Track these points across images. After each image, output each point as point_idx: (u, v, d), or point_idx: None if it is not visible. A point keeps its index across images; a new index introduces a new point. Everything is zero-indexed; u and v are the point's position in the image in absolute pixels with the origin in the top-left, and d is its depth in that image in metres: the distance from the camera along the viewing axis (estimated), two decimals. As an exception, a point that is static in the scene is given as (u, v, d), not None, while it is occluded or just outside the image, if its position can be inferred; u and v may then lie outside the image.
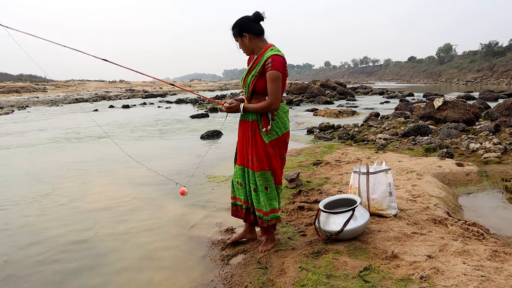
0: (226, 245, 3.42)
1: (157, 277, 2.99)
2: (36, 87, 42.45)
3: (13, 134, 11.91)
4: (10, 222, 4.26)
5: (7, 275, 3.09)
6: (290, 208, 4.18)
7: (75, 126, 13.51)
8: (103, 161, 7.32)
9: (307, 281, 2.61)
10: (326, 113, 14.72)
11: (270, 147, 3.06)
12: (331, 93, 25.57)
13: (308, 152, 7.32)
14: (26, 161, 7.62)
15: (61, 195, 5.17)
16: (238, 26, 3.05)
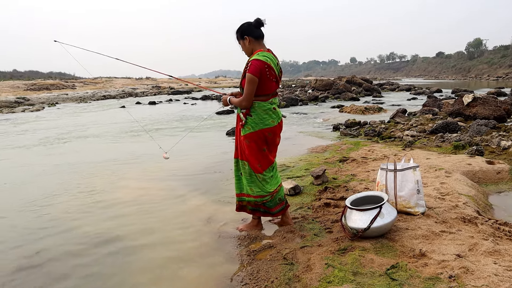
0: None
1: (184, 272, 3.04)
2: (65, 85, 43.41)
3: (50, 129, 12.24)
4: (41, 214, 4.39)
5: (40, 266, 3.19)
6: (316, 205, 4.18)
7: (105, 122, 13.78)
8: (133, 156, 7.44)
9: (333, 277, 2.61)
10: (352, 109, 14.58)
11: (245, 139, 3.43)
12: (357, 89, 25.30)
13: (334, 149, 7.28)
14: (58, 156, 7.84)
15: (91, 189, 5.29)
16: (240, 30, 3.44)
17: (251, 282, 2.76)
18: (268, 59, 3.32)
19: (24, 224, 4.11)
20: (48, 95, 31.76)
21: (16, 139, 10.53)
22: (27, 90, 36.41)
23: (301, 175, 5.42)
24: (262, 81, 3.29)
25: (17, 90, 34.93)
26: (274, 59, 3.41)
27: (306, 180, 5.15)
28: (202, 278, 2.93)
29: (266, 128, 3.40)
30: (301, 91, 26.56)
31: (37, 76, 58.77)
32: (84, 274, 3.05)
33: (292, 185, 4.67)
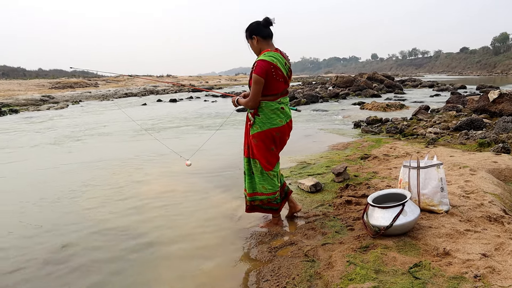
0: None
1: (206, 267, 3.06)
2: (88, 83, 44.16)
3: (74, 127, 12.48)
4: (67, 209, 4.48)
5: (67, 260, 3.26)
6: (338, 202, 4.15)
7: (128, 119, 13.96)
8: (157, 153, 7.52)
9: (355, 275, 2.59)
10: (373, 106, 14.42)
11: (253, 138, 3.46)
12: (378, 86, 25.01)
13: (355, 146, 7.22)
14: (83, 153, 7.99)
15: (115, 185, 5.38)
16: (249, 30, 3.44)
17: (272, 279, 2.76)
18: (274, 59, 3.31)
19: (50, 220, 4.20)
20: (72, 93, 32.33)
21: (42, 136, 10.77)
22: (51, 88, 37.18)
23: (322, 172, 5.40)
24: (269, 81, 3.30)
25: (42, 89, 35.69)
26: (281, 59, 3.39)
27: (327, 177, 5.13)
28: (224, 274, 2.95)
29: (274, 128, 3.42)
30: (322, 88, 26.39)
31: (61, 74, 59.96)
32: (108, 269, 3.11)
33: (313, 182, 4.65)
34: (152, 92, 36.42)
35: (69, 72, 67.59)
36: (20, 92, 31.24)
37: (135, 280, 2.94)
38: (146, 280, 2.92)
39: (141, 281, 2.91)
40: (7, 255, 3.40)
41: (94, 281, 2.94)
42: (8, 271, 3.12)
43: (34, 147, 8.95)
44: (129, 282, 2.91)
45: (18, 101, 24.72)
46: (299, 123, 11.45)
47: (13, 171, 6.57)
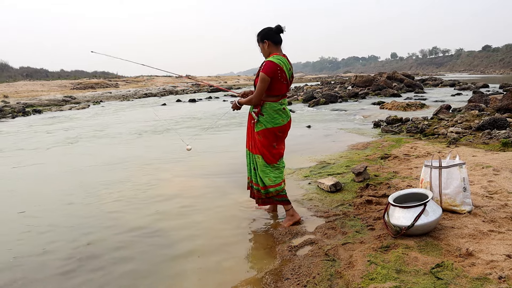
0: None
1: (226, 266, 3.08)
2: (109, 83, 44.81)
3: (95, 126, 12.69)
4: (89, 207, 4.57)
5: (89, 257, 3.33)
6: (358, 202, 4.13)
7: (149, 119, 14.13)
8: (177, 152, 7.60)
9: (376, 275, 2.58)
10: (393, 106, 14.26)
11: (257, 135, 3.71)
12: (398, 85, 24.72)
13: (375, 146, 7.17)
14: (106, 152, 8.12)
15: (136, 183, 5.46)
16: (261, 34, 3.70)
17: (293, 277, 2.77)
18: (281, 63, 3.55)
19: (75, 218, 4.29)
20: (93, 94, 32.87)
21: (65, 134, 10.97)
22: (73, 89, 37.84)
23: (342, 172, 5.38)
24: (274, 82, 3.54)
25: (64, 89, 36.36)
26: (287, 64, 3.63)
27: (347, 177, 5.11)
28: (244, 271, 2.97)
29: (276, 127, 3.68)
30: (341, 88, 26.23)
31: (83, 75, 60.92)
32: (130, 266, 3.16)
33: (333, 182, 4.64)
34: (171, 92, 36.73)
35: (90, 73, 68.66)
36: (43, 92, 31.90)
37: (156, 277, 2.97)
38: (167, 277, 2.95)
39: (163, 277, 2.95)
40: (34, 250, 3.49)
41: (115, 276, 3.00)
42: (34, 266, 3.20)
43: (56, 147, 9.13)
44: (151, 280, 2.95)
45: (41, 102, 25.25)
46: (318, 122, 11.42)
47: (40, 172, 6.71)
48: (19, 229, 4.01)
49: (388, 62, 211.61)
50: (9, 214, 4.49)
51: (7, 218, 4.38)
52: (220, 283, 2.84)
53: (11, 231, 3.99)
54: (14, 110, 20.24)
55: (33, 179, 6.10)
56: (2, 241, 3.75)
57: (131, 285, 2.88)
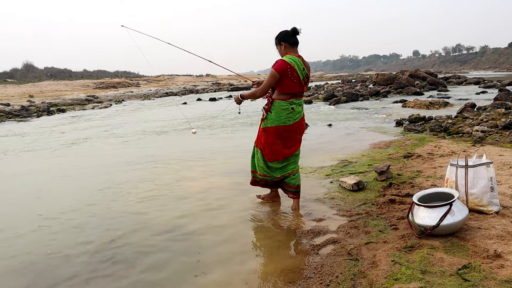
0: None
1: (248, 264, 3.07)
2: (130, 82, 45.37)
3: (118, 125, 12.86)
4: (112, 204, 4.63)
5: (113, 254, 3.37)
6: (381, 201, 4.08)
7: (172, 118, 14.25)
8: (201, 151, 7.65)
9: (400, 275, 2.54)
10: (416, 104, 14.06)
11: (262, 131, 3.96)
12: (420, 83, 24.34)
13: (398, 145, 7.07)
14: (126, 151, 8.22)
15: (160, 181, 5.51)
16: (278, 37, 3.88)
17: (315, 276, 2.75)
18: (292, 61, 3.71)
19: (100, 215, 4.35)
20: (115, 93, 33.32)
21: (87, 133, 11.16)
22: (96, 88, 38.44)
23: (364, 171, 5.32)
24: (284, 79, 3.71)
25: (87, 89, 36.97)
26: (300, 64, 3.76)
27: (369, 176, 5.05)
28: (266, 270, 2.96)
29: (281, 126, 3.83)
30: (362, 86, 25.96)
31: (105, 75, 61.80)
32: (152, 264, 3.18)
33: (355, 181, 4.59)
34: (192, 91, 36.97)
35: (112, 72, 69.61)
36: (66, 92, 32.50)
37: (179, 276, 2.99)
38: (190, 276, 2.96)
39: (185, 277, 2.96)
40: (60, 246, 3.55)
41: (139, 272, 3.02)
42: (60, 261, 3.26)
43: (79, 146, 9.28)
44: (178, 278, 2.97)
45: (65, 101, 25.73)
46: (339, 121, 11.33)
47: (64, 170, 6.84)
48: (37, 229, 4.09)
49: (410, 60, 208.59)
50: (31, 215, 4.58)
51: (27, 219, 4.47)
52: (242, 281, 2.83)
53: (33, 231, 4.06)
54: (39, 110, 20.68)
55: (56, 178, 6.21)
56: (31, 239, 3.82)
57: (151, 284, 2.90)
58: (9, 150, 8.99)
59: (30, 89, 33.77)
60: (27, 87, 35.84)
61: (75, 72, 65.94)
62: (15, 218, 4.39)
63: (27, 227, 4.05)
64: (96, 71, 70.05)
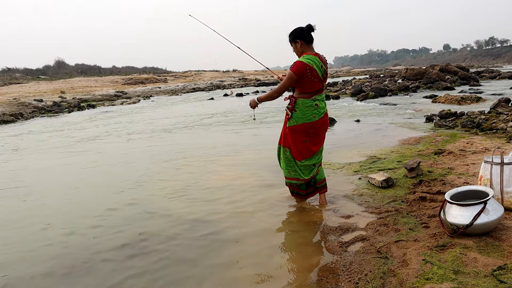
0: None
1: (276, 261, 3.06)
2: (158, 78, 45.89)
3: (147, 120, 13.06)
4: (140, 197, 4.69)
5: (143, 247, 3.41)
6: (411, 198, 3.99)
7: (199, 113, 14.37)
8: (227, 145, 7.68)
9: (432, 274, 2.48)
10: (447, 99, 13.70)
11: (288, 130, 3.95)
12: (451, 78, 23.72)
13: (428, 141, 6.90)
14: (156, 143, 8.34)
15: (186, 175, 5.56)
16: (293, 34, 3.84)
17: (344, 274, 2.71)
18: (311, 62, 3.69)
19: (128, 208, 4.42)
20: (143, 89, 33.80)
21: (116, 127, 11.37)
22: (124, 84, 39.06)
23: (393, 168, 5.22)
24: (304, 80, 3.71)
25: (116, 85, 37.60)
26: (318, 62, 3.75)
27: (399, 172, 4.95)
28: (294, 266, 2.95)
29: (307, 123, 3.84)
30: (390, 81, 25.51)
31: (133, 71, 62.74)
32: (179, 256, 3.21)
33: (384, 178, 4.51)
34: (219, 86, 37.15)
35: (140, 68, 70.58)
36: (96, 88, 33.15)
37: (206, 271, 3.00)
38: (217, 270, 2.97)
39: (212, 271, 2.97)
40: (88, 240, 3.63)
41: (166, 265, 3.05)
42: (90, 253, 3.32)
43: (110, 140, 9.46)
44: (206, 273, 2.98)
45: (95, 97, 26.25)
46: (367, 116, 11.17)
47: (95, 163, 6.98)
48: (68, 220, 4.18)
49: (440, 54, 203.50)
50: (61, 206, 4.70)
51: (59, 210, 4.58)
52: (270, 278, 2.82)
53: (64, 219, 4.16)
54: (70, 105, 21.18)
55: (89, 170, 6.34)
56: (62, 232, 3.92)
57: (181, 278, 2.92)
58: (40, 145, 9.24)
59: (62, 85, 34.61)
60: (58, 83, 36.76)
61: (104, 69, 67.20)
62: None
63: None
64: (124, 67, 71.23)
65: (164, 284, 2.82)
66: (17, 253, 3.44)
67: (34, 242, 3.65)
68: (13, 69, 52.46)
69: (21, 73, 50.81)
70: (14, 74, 48.48)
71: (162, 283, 2.83)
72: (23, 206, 4.74)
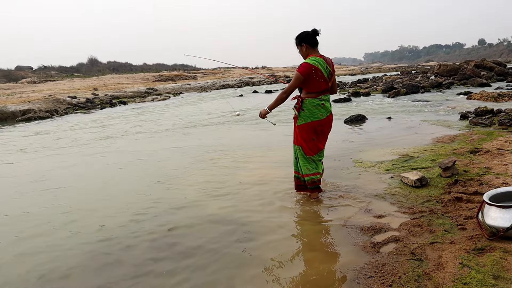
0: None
1: (307, 260, 3.03)
2: (187, 75, 46.36)
3: (179, 116, 13.20)
4: (173, 193, 4.73)
5: (171, 240, 3.43)
6: (446, 199, 3.86)
7: (229, 110, 14.42)
8: (257, 142, 7.67)
9: (470, 279, 2.38)
10: (482, 96, 13.25)
11: (298, 129, 4.15)
12: (487, 74, 22.96)
13: (463, 139, 6.68)
14: (186, 140, 8.41)
15: (213, 171, 5.57)
16: (299, 38, 4.04)
17: (376, 276, 2.65)
18: (316, 63, 3.91)
19: (159, 204, 4.47)
20: (173, 86, 34.19)
21: (147, 124, 11.53)
22: (155, 81, 39.63)
23: (427, 166, 5.07)
24: (310, 80, 3.92)
25: (147, 82, 38.19)
26: (323, 63, 3.96)
27: (433, 171, 4.80)
28: (325, 266, 2.89)
29: (316, 121, 4.03)
30: (423, 77, 24.92)
31: (163, 68, 63.54)
32: (207, 251, 3.21)
33: (418, 177, 4.38)
34: (248, 83, 37.20)
35: (170, 65, 71.43)
36: (127, 85, 33.76)
37: (237, 266, 2.99)
38: (246, 267, 2.95)
39: (241, 267, 2.96)
40: (120, 234, 3.67)
41: (195, 259, 3.05)
42: (121, 248, 3.37)
43: (144, 135, 9.60)
44: (235, 269, 2.97)
45: (126, 94, 26.74)
46: (399, 114, 10.92)
47: (128, 156, 7.09)
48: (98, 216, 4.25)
49: (475, 50, 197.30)
50: (91, 202, 4.78)
51: (90, 206, 4.67)
52: (301, 275, 2.78)
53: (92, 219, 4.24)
54: (102, 102, 21.65)
55: (121, 165, 6.45)
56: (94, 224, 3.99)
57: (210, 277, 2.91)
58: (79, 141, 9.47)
59: (94, 82, 35.41)
60: (91, 80, 37.63)
61: (135, 66, 68.34)
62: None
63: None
64: (155, 64, 72.19)
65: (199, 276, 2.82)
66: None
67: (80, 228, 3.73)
68: (49, 67, 54.02)
69: (56, 70, 52.26)
70: (49, 72, 49.93)
71: (196, 275, 2.83)
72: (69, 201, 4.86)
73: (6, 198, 5.25)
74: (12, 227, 4.14)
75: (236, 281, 2.79)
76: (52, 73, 48.68)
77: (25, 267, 3.21)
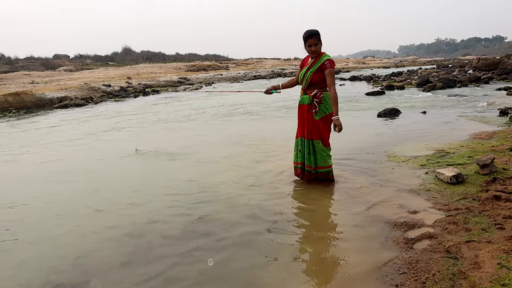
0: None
1: (340, 255, 2.99)
2: (220, 66, 46.50)
3: (212, 107, 13.31)
4: (202, 183, 4.78)
5: (203, 231, 3.47)
6: (483, 197, 3.75)
7: (263, 100, 14.42)
8: (281, 134, 7.65)
9: (508, 280, 2.32)
10: (524, 92, 12.76)
11: (320, 122, 4.29)
12: (529, 69, 22.05)
13: (503, 136, 6.45)
14: (215, 131, 8.48)
15: (247, 162, 5.60)
16: (319, 34, 4.20)
17: (410, 272, 2.60)
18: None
19: (190, 193, 4.52)
20: (205, 76, 34.39)
21: (179, 113, 11.67)
22: (187, 71, 39.97)
23: (463, 163, 4.92)
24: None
25: (179, 71, 38.56)
26: None
27: (470, 168, 4.66)
28: (357, 262, 2.85)
29: (331, 113, 4.24)
30: (460, 72, 24.18)
31: (196, 58, 63.91)
32: (238, 244, 3.23)
33: (454, 173, 4.26)
34: (280, 74, 37.01)
35: (202, 55, 71.81)
36: (160, 74, 34.17)
37: (266, 260, 3.00)
38: (279, 262, 2.96)
39: (271, 261, 2.96)
40: (152, 227, 3.74)
41: (226, 249, 3.08)
42: (153, 237, 3.43)
43: (175, 124, 9.72)
44: (261, 260, 2.98)
45: (159, 83, 27.08)
46: (435, 108, 10.65)
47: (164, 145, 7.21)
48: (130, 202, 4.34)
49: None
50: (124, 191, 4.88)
51: (121, 195, 4.77)
52: (333, 272, 2.77)
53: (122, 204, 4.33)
54: (136, 90, 22.00)
55: (160, 152, 6.56)
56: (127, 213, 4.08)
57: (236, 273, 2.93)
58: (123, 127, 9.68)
59: (128, 71, 36.00)
60: (125, 69, 38.27)
61: (168, 56, 68.96)
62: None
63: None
64: (187, 54, 72.66)
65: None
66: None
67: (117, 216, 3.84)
68: (85, 56, 55.17)
69: (92, 59, 53.36)
70: (85, 60, 51.05)
71: (223, 264, 2.86)
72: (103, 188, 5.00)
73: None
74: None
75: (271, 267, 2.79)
76: (87, 62, 49.81)
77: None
